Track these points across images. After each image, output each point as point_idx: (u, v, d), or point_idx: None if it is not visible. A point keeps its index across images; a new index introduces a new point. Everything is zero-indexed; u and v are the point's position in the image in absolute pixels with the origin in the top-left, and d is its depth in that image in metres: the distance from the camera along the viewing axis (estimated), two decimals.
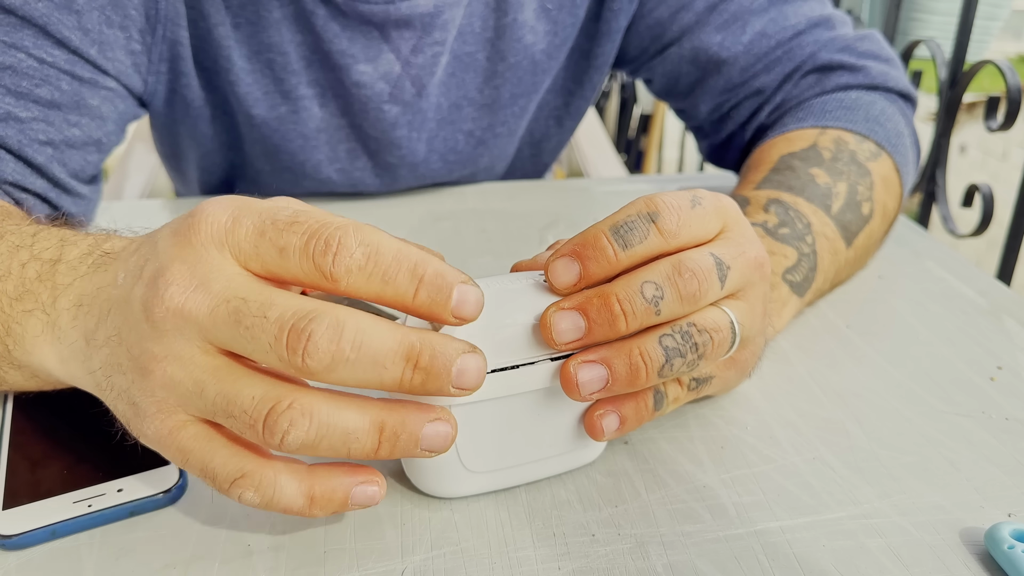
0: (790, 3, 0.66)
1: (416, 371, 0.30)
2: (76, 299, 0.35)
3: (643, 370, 0.34)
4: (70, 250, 0.37)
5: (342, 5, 0.61)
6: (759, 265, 0.37)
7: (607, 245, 0.34)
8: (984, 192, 0.82)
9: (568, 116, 0.78)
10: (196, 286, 0.30)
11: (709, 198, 0.36)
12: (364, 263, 0.29)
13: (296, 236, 0.30)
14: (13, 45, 0.53)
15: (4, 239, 0.40)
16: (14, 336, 0.37)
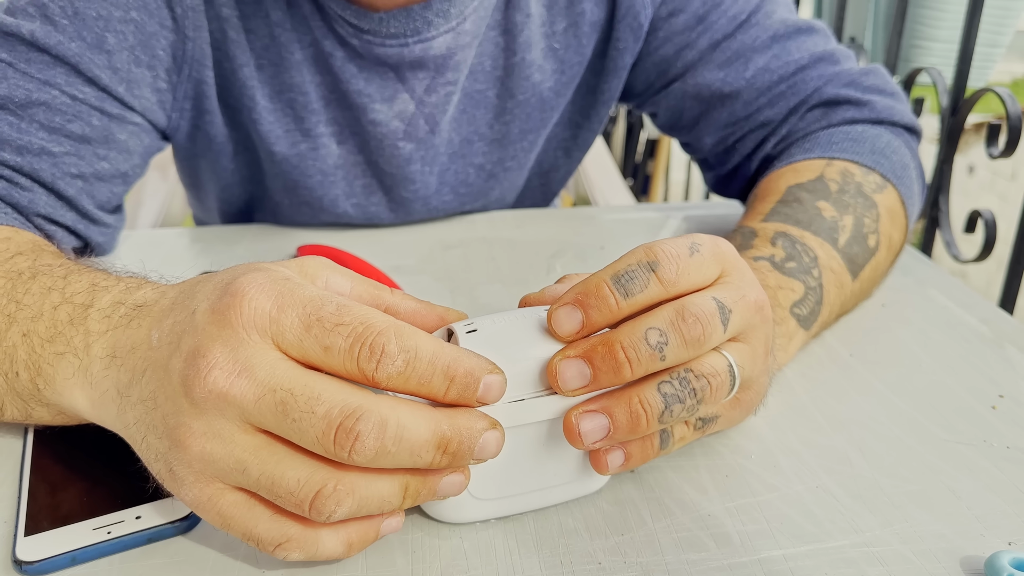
0: (793, 39, 0.67)
1: (444, 455, 0.32)
2: (110, 349, 0.36)
3: (643, 418, 0.35)
4: (101, 296, 0.39)
5: (359, 48, 0.63)
6: (760, 308, 0.38)
7: (608, 294, 0.35)
8: (986, 218, 0.82)
9: (576, 147, 0.80)
10: (239, 372, 0.31)
11: (707, 244, 0.37)
12: (404, 369, 0.31)
13: (341, 338, 0.31)
14: (47, 82, 0.55)
15: (37, 279, 0.41)
16: (45, 377, 0.38)
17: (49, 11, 0.56)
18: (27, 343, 0.39)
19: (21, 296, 0.41)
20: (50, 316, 0.39)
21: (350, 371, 0.31)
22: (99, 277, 0.41)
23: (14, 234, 0.51)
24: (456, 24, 0.63)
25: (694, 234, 0.38)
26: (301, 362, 0.32)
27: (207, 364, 0.31)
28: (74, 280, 0.41)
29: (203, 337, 0.32)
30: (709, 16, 0.67)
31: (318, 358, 0.32)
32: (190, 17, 0.60)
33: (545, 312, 0.37)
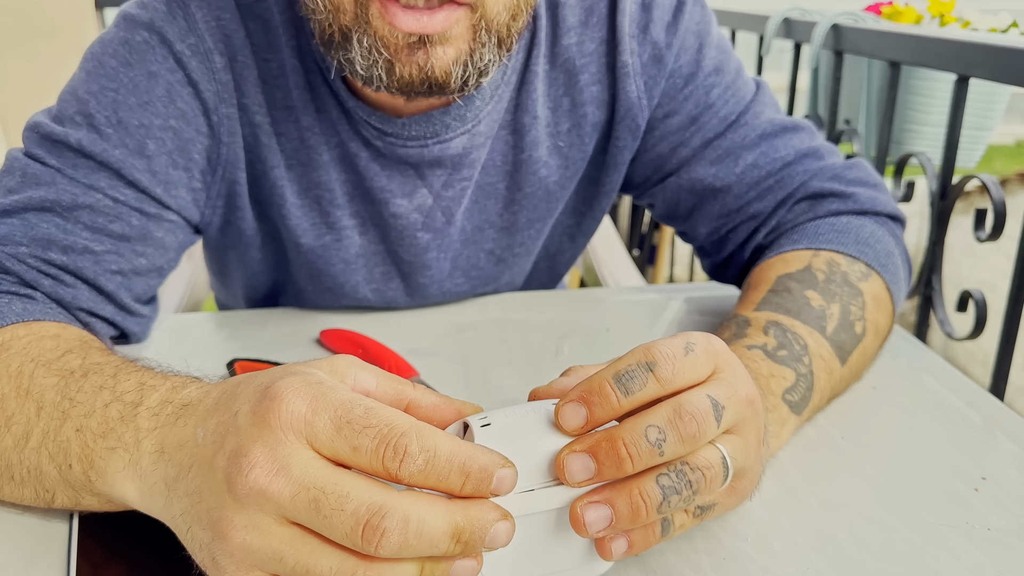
0: (780, 137, 0.72)
1: (458, 544, 0.35)
2: (158, 445, 0.40)
3: (643, 508, 0.38)
4: (149, 394, 0.43)
5: (383, 149, 0.68)
6: (751, 402, 0.42)
7: (610, 392, 0.38)
8: (977, 298, 0.86)
9: (580, 233, 0.85)
10: (277, 471, 0.34)
11: (701, 343, 0.41)
12: (424, 467, 0.35)
13: (368, 439, 0.35)
14: (92, 186, 0.60)
15: (88, 378, 0.46)
16: (97, 469, 0.42)
17: (95, 120, 0.61)
18: (80, 438, 0.43)
19: (74, 394, 0.45)
20: (102, 413, 0.43)
21: (376, 469, 0.35)
22: (147, 376, 0.45)
23: (62, 331, 0.55)
24: (471, 126, 0.68)
25: (689, 333, 0.41)
26: (332, 460, 0.35)
27: (248, 463, 0.34)
28: (123, 379, 0.45)
29: (244, 437, 0.35)
30: (701, 117, 0.73)
31: (348, 457, 0.35)
32: (225, 124, 0.66)
33: (553, 406, 0.41)
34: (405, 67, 0.57)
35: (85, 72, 0.63)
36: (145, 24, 0.63)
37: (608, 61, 0.72)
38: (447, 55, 0.56)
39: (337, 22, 0.57)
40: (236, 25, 0.65)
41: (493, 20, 0.57)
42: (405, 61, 0.56)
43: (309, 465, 0.34)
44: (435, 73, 0.57)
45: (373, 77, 0.58)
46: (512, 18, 0.59)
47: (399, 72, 0.57)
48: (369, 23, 0.56)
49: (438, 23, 0.55)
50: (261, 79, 0.66)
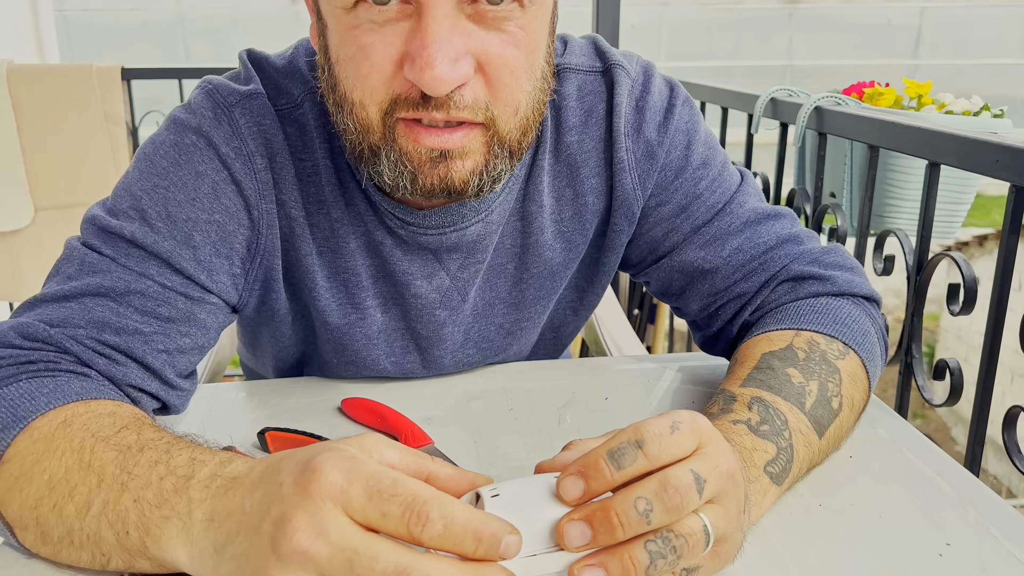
0: (763, 224, 0.80)
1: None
2: (209, 514, 0.47)
3: (632, 571, 0.44)
4: (200, 469, 0.49)
5: (405, 236, 0.75)
6: (731, 475, 0.48)
7: (605, 467, 0.45)
8: (952, 367, 0.92)
9: (582, 307, 0.92)
10: (318, 534, 0.40)
11: (687, 421, 0.47)
12: (443, 531, 0.41)
13: (396, 507, 0.41)
14: (143, 274, 0.67)
15: (144, 453, 0.52)
16: (153, 536, 0.48)
17: (147, 215, 0.69)
18: (138, 508, 0.49)
19: (132, 467, 0.51)
20: (157, 486, 0.50)
21: (401, 533, 0.41)
22: (197, 452, 0.51)
23: (117, 408, 0.61)
24: (484, 216, 0.76)
25: (676, 412, 0.48)
26: (364, 525, 0.41)
27: (292, 528, 0.41)
28: (176, 454, 0.51)
29: (288, 505, 0.42)
30: (691, 206, 0.80)
31: (377, 522, 0.41)
32: (265, 218, 0.73)
33: (555, 479, 0.47)
34: (428, 178, 0.64)
35: (138, 171, 0.71)
36: (193, 128, 0.71)
37: (606, 157, 0.79)
38: (465, 167, 0.64)
39: (367, 140, 0.65)
40: (275, 129, 0.72)
41: (506, 136, 0.65)
42: (428, 173, 0.64)
43: (345, 530, 0.41)
44: (454, 183, 0.64)
45: (399, 186, 0.65)
46: (522, 134, 0.66)
47: (422, 182, 0.64)
48: (396, 141, 0.63)
49: (456, 140, 0.62)
50: (297, 177, 0.74)
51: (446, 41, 0.58)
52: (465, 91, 0.61)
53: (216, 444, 0.55)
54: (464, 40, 0.59)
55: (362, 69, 0.61)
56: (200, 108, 0.71)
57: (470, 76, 0.60)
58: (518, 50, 0.62)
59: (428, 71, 0.57)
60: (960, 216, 1.22)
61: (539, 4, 0.62)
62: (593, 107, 0.79)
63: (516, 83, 0.63)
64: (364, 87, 0.62)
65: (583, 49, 0.80)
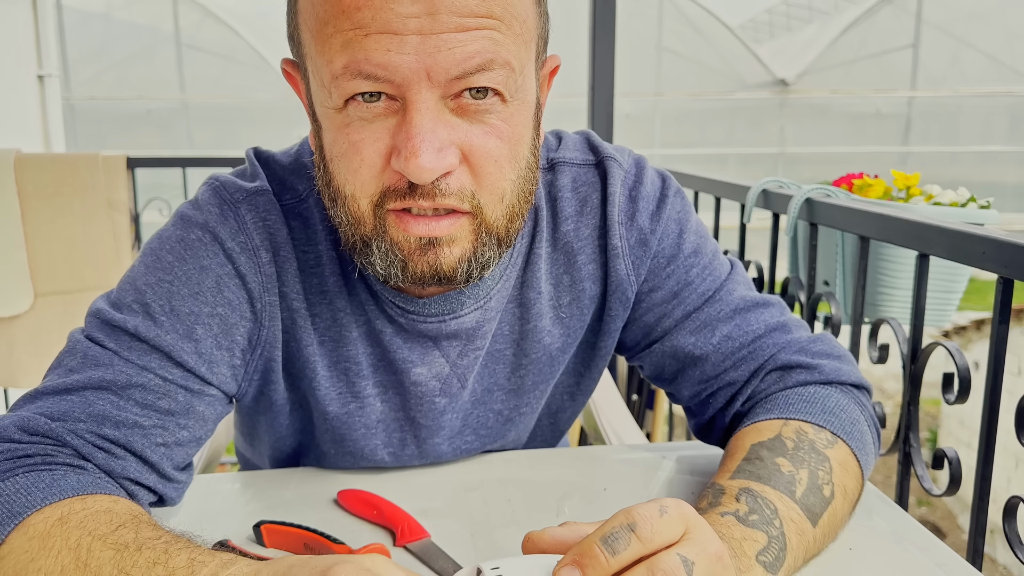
0: (752, 312, 0.81)
1: None
2: None
3: None
4: (199, 569, 0.49)
5: (405, 324, 0.76)
6: (718, 557, 0.49)
7: (599, 553, 0.46)
8: (950, 457, 0.92)
9: (579, 392, 0.92)
10: None
11: (673, 506, 0.48)
12: None
13: None
14: (144, 367, 0.68)
15: (142, 552, 0.52)
16: None
17: (150, 309, 0.70)
18: None
19: (130, 568, 0.51)
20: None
21: None
22: (195, 552, 0.51)
23: (114, 504, 0.61)
24: (483, 303, 0.77)
25: (661, 499, 0.49)
26: None
27: None
28: (174, 554, 0.51)
29: None
30: (682, 293, 0.82)
31: None
32: (267, 310, 0.74)
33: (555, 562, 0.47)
34: (417, 265, 0.66)
35: (144, 265, 0.72)
36: (200, 224, 0.72)
37: (601, 244, 0.81)
38: (453, 254, 0.66)
39: (358, 232, 0.67)
40: (280, 224, 0.74)
41: (492, 224, 0.67)
42: (417, 260, 0.66)
43: None
44: (443, 269, 0.66)
45: (391, 275, 0.67)
46: (509, 220, 0.68)
47: (412, 269, 0.66)
48: (386, 232, 0.66)
49: (444, 228, 0.65)
50: (300, 269, 0.75)
51: (430, 132, 0.60)
52: (451, 180, 0.63)
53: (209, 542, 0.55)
54: (448, 132, 0.62)
55: (353, 164, 0.64)
56: (207, 204, 0.73)
57: (455, 165, 0.63)
58: (501, 141, 0.64)
59: (413, 160, 0.60)
60: (953, 303, 1.24)
61: (520, 99, 0.65)
62: (587, 197, 0.81)
63: (500, 172, 0.65)
64: (356, 181, 0.64)
65: (576, 144, 0.83)
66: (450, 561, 0.68)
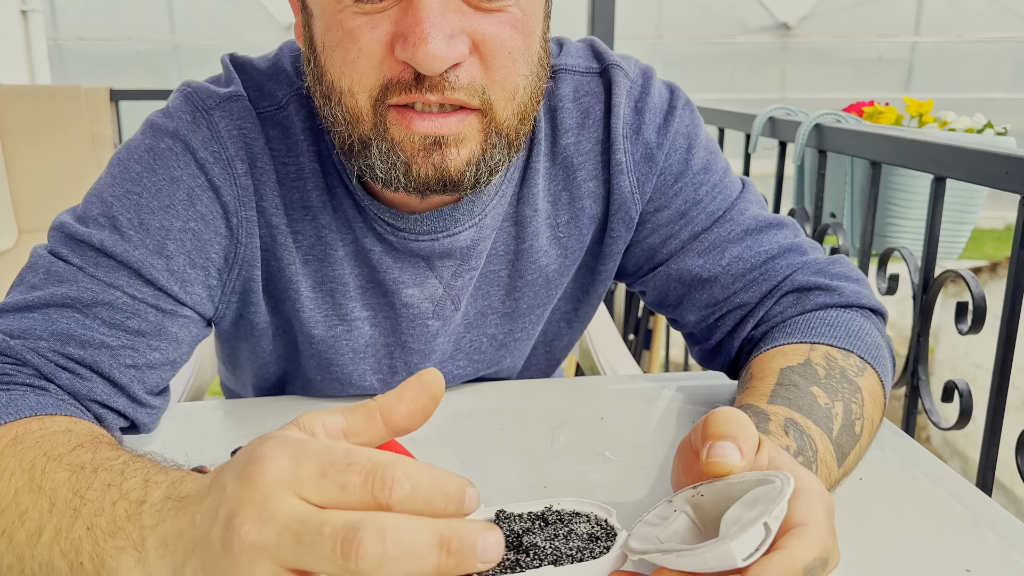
0: (764, 232, 0.76)
1: (449, 555, 0.35)
2: (162, 539, 0.42)
3: None
4: (153, 492, 0.44)
5: (396, 243, 0.72)
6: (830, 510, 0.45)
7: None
8: (961, 389, 0.89)
9: (577, 319, 0.88)
10: (265, 521, 0.36)
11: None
12: (411, 492, 0.36)
13: (355, 475, 0.36)
14: (112, 284, 0.64)
15: (98, 474, 0.47)
16: (108, 568, 0.44)
17: (118, 223, 0.65)
18: (91, 536, 0.45)
19: (84, 491, 0.47)
20: (110, 512, 0.45)
21: (366, 502, 0.36)
22: (151, 472, 0.46)
23: (74, 425, 0.57)
24: (478, 220, 0.73)
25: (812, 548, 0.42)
26: (321, 507, 0.37)
27: (239, 522, 0.36)
28: (130, 476, 0.46)
29: (234, 502, 0.37)
30: (690, 212, 0.77)
31: (336, 496, 0.36)
32: (244, 226, 0.69)
33: None
34: (422, 168, 0.61)
35: (111, 176, 0.67)
36: (170, 132, 0.67)
37: (603, 159, 0.76)
38: (461, 156, 0.61)
39: (357, 131, 0.61)
40: (257, 133, 0.69)
41: (503, 123, 0.62)
42: (422, 163, 0.61)
43: (294, 509, 0.36)
44: (449, 172, 0.61)
45: (392, 179, 0.62)
46: (520, 121, 0.63)
47: (416, 173, 0.61)
48: (387, 130, 0.60)
49: (451, 126, 0.59)
50: (279, 182, 0.70)
51: (440, 17, 0.55)
52: (460, 71, 0.58)
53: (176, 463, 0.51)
54: (459, 19, 0.57)
55: (350, 54, 0.58)
56: (178, 111, 0.68)
57: (465, 56, 0.58)
58: (515, 31, 0.59)
59: (422, 47, 0.55)
60: (963, 237, 1.19)
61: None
62: (590, 108, 0.76)
63: (513, 65, 0.60)
64: (353, 73, 0.59)
65: (579, 51, 0.78)
66: None
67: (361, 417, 0.42)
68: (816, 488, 0.45)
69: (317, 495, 0.37)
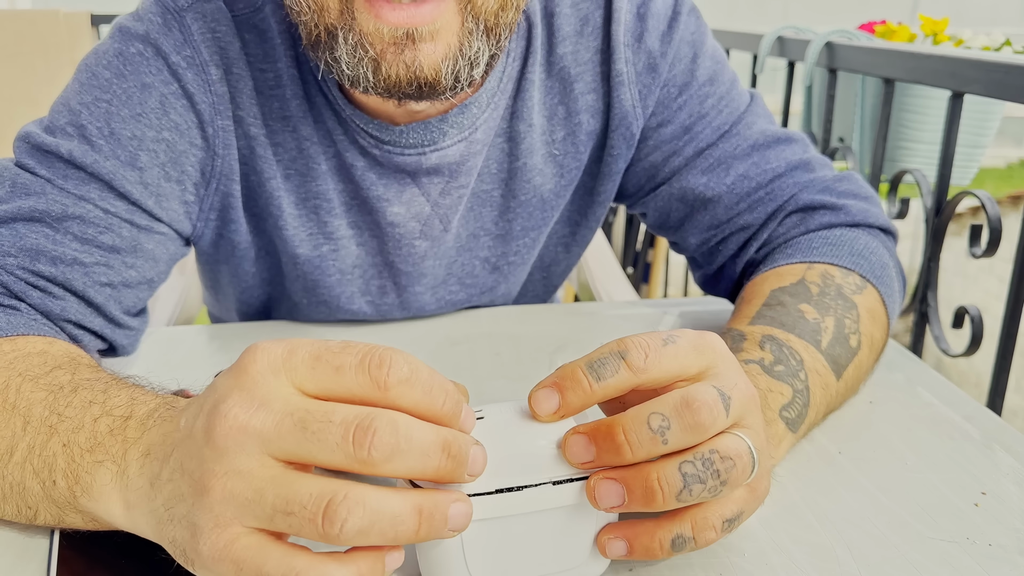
0: (772, 148, 0.72)
1: (449, 458, 0.35)
2: (144, 449, 0.39)
3: (659, 494, 0.37)
4: (139, 408, 0.42)
5: (380, 157, 0.68)
6: (752, 396, 0.41)
7: (582, 378, 0.38)
8: (972, 314, 0.86)
9: (575, 243, 0.84)
10: (258, 406, 0.33)
11: (687, 337, 0.40)
12: (410, 376, 0.34)
13: (351, 356, 0.34)
14: (82, 197, 0.60)
15: (78, 393, 0.44)
16: (83, 484, 0.41)
17: (87, 132, 0.61)
18: (67, 453, 0.42)
19: (63, 409, 0.44)
20: (91, 428, 0.42)
21: (363, 383, 0.34)
22: (138, 392, 0.44)
23: (49, 346, 0.54)
24: (468, 134, 0.68)
25: (682, 330, 0.41)
26: (314, 396, 0.35)
27: (227, 407, 0.33)
28: (114, 394, 0.44)
29: (222, 390, 0.34)
30: (695, 127, 0.73)
31: (331, 380, 0.34)
32: (220, 136, 0.65)
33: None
34: (392, 66, 0.56)
35: (78, 83, 0.63)
36: (140, 36, 0.63)
37: (603, 70, 0.72)
38: (436, 52, 0.56)
39: (323, 21, 0.56)
40: (232, 37, 0.64)
41: (481, 8, 0.57)
42: (392, 60, 0.56)
43: (291, 397, 0.34)
44: (423, 70, 0.56)
45: (359, 77, 0.57)
46: (501, 8, 0.58)
47: (385, 71, 0.56)
48: (355, 19, 0.55)
49: (426, 14, 0.54)
50: (257, 90, 0.66)
51: None
52: None
53: (164, 388, 0.48)
54: None
55: None
56: (148, 14, 0.64)
57: None
58: None
59: None
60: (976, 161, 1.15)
61: None
62: (589, 14, 0.71)
63: None
64: None
65: None
66: None
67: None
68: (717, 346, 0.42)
69: (311, 382, 0.34)
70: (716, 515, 0.40)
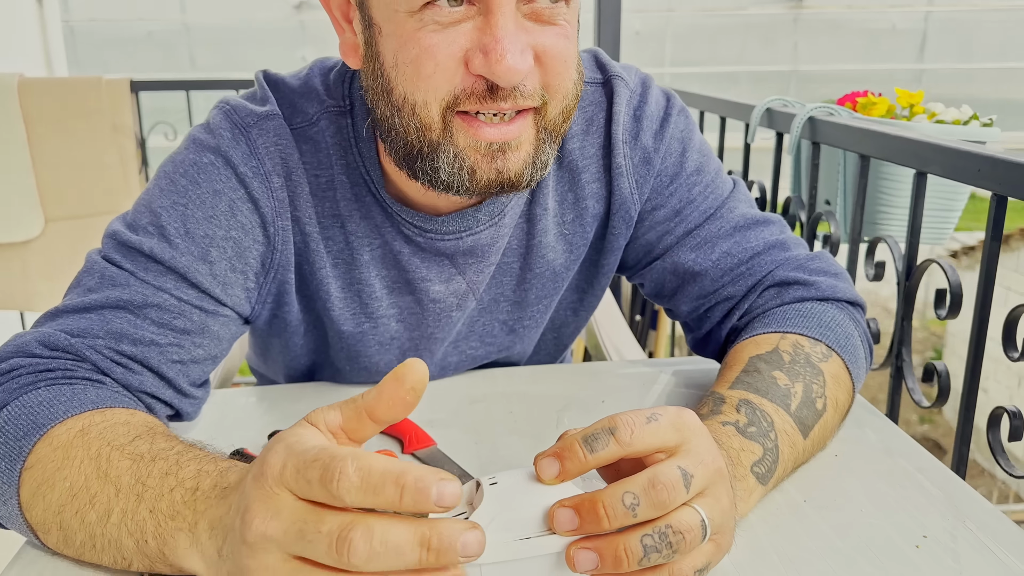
0: (752, 229, 0.83)
1: (430, 552, 0.41)
2: (209, 524, 0.50)
3: (625, 561, 0.46)
4: (204, 480, 0.53)
5: (423, 244, 0.79)
6: (717, 469, 0.51)
7: (579, 450, 0.48)
8: (940, 371, 0.95)
9: (582, 308, 0.95)
10: (271, 517, 0.44)
11: (668, 414, 0.50)
12: (359, 483, 0.41)
13: (314, 471, 0.42)
14: (160, 288, 0.71)
15: (156, 463, 0.55)
16: (169, 546, 0.52)
17: (166, 231, 0.72)
18: (154, 519, 0.53)
19: (145, 478, 0.55)
20: (169, 497, 0.53)
21: (324, 497, 0.41)
22: (204, 463, 0.55)
23: (131, 417, 0.64)
24: (498, 219, 0.80)
25: (663, 407, 0.50)
26: (305, 500, 0.44)
27: (251, 516, 0.44)
28: (184, 465, 0.55)
29: (248, 499, 0.45)
30: (684, 210, 0.84)
31: (307, 493, 0.43)
32: (280, 234, 0.76)
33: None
34: (486, 173, 0.67)
35: (159, 188, 0.74)
36: (212, 148, 0.74)
37: (605, 163, 0.83)
38: (519, 158, 0.68)
39: (426, 138, 0.67)
40: (291, 148, 0.75)
41: (552, 122, 0.69)
42: (486, 167, 0.67)
43: (293, 507, 0.43)
44: (510, 174, 0.68)
45: (455, 183, 0.68)
46: (564, 119, 0.70)
47: (479, 176, 0.67)
48: (453, 137, 0.66)
49: (514, 131, 0.66)
50: (312, 193, 0.77)
51: (514, 35, 0.62)
52: (528, 81, 0.65)
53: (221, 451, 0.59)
54: (526, 35, 0.64)
55: (426, 69, 0.64)
56: (219, 128, 0.74)
57: (532, 67, 0.65)
58: (568, 41, 0.66)
59: (503, 63, 0.61)
60: (951, 222, 1.25)
61: (575, 2, 0.67)
62: (594, 116, 0.82)
63: (567, 71, 0.67)
64: (428, 86, 0.65)
65: (585, 62, 0.84)
66: (455, 466, 0.72)
67: (351, 414, 0.48)
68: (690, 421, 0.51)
69: (299, 491, 0.44)
70: (688, 566, 0.49)
